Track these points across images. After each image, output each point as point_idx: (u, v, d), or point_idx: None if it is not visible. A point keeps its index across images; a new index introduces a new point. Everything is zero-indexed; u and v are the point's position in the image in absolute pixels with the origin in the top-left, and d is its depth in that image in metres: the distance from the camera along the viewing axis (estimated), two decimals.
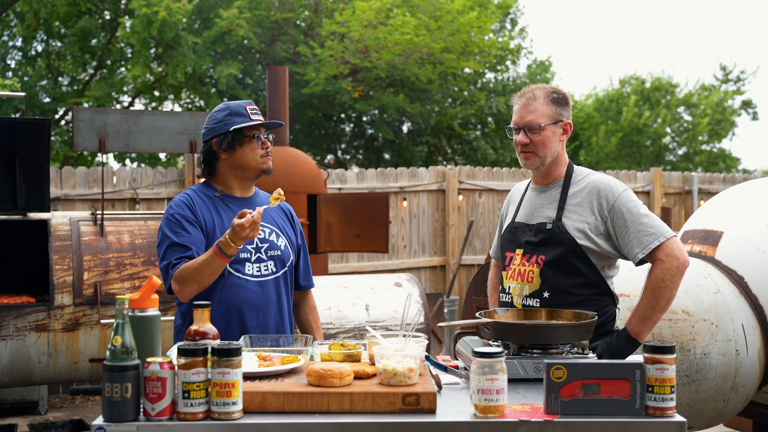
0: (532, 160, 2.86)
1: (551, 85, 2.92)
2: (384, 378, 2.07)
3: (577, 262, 2.77)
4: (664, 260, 2.72)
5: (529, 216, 2.92)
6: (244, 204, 2.93)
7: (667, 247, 2.73)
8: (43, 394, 6.25)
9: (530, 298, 2.82)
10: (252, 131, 2.93)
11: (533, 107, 2.83)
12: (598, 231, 2.77)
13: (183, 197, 2.94)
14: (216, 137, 2.95)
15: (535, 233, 2.85)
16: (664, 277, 2.71)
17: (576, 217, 2.79)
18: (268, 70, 6.97)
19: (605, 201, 2.79)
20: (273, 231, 2.96)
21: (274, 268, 2.92)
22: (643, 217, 2.77)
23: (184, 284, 2.75)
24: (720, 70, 19.94)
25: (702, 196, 11.69)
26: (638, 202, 2.82)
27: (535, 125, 2.81)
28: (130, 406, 1.91)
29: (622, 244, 2.77)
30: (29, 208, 4.93)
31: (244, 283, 2.85)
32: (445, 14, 13.58)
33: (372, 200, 6.74)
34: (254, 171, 2.96)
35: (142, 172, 8.41)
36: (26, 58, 14.50)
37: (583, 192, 2.83)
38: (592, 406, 1.98)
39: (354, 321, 4.94)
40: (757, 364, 4.09)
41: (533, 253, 2.83)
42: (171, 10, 12.12)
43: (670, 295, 2.73)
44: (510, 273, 2.90)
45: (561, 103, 2.87)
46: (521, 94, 2.88)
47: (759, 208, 4.35)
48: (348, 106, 14.81)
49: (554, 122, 2.84)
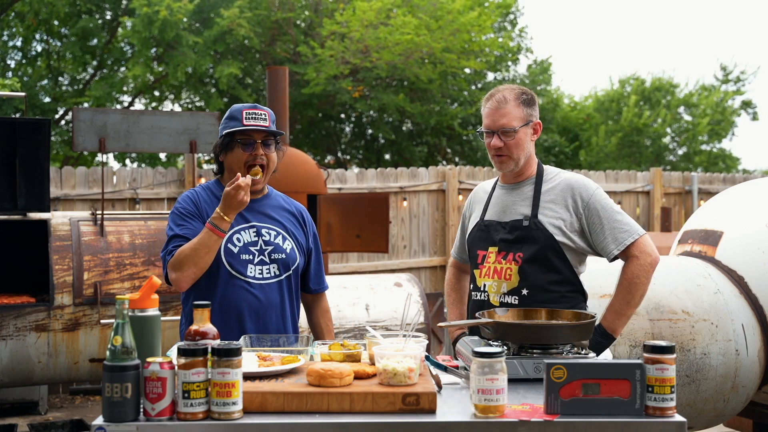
0: (507, 164, 2.87)
1: (517, 85, 2.94)
2: (384, 378, 2.07)
3: (555, 259, 2.80)
4: (639, 257, 2.79)
5: (500, 214, 2.92)
6: (250, 205, 2.90)
7: (640, 244, 2.80)
8: (43, 394, 6.25)
9: (508, 295, 2.83)
10: (242, 137, 2.85)
11: (505, 110, 2.83)
12: (573, 228, 2.82)
13: (189, 193, 2.94)
14: (218, 139, 2.95)
15: (510, 230, 2.86)
16: (639, 273, 2.79)
17: (551, 214, 2.82)
18: (268, 70, 6.97)
19: (579, 198, 2.83)
20: (279, 234, 2.93)
21: (277, 271, 2.89)
22: (617, 214, 2.83)
23: (181, 268, 2.73)
24: (720, 71, 19.96)
25: (702, 196, 11.69)
26: (611, 200, 2.88)
27: (509, 128, 2.82)
28: (130, 406, 1.91)
29: (596, 241, 2.82)
30: (29, 208, 4.93)
31: (246, 286, 2.83)
32: (445, 14, 13.58)
33: (372, 200, 6.74)
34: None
35: (142, 172, 8.41)
36: (26, 58, 14.50)
37: (557, 189, 2.87)
38: (592, 406, 1.98)
39: (354, 321, 4.94)
40: (757, 364, 4.09)
41: (509, 251, 2.84)
42: (172, 10, 12.12)
43: (644, 290, 2.81)
44: (484, 271, 2.90)
45: (530, 104, 2.88)
46: (490, 97, 2.89)
47: (759, 208, 4.35)
48: (348, 106, 14.81)
49: (526, 123, 2.86)
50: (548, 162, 17.47)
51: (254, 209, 2.92)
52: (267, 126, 2.87)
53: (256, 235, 2.88)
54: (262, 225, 2.91)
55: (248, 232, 2.87)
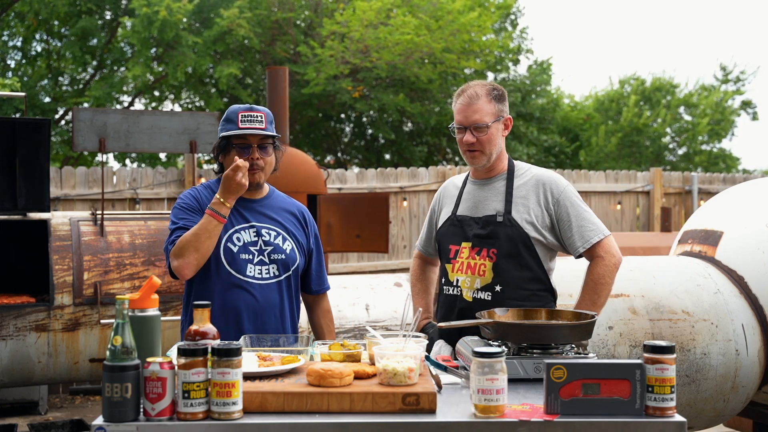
0: (479, 159, 2.90)
1: (490, 81, 2.96)
2: (384, 378, 2.07)
3: (527, 256, 2.84)
4: (604, 257, 2.84)
5: (473, 209, 2.95)
6: (250, 205, 2.91)
7: (605, 244, 2.85)
8: (43, 394, 6.25)
9: (482, 291, 2.86)
10: (238, 141, 2.83)
11: (477, 106, 2.86)
12: (544, 224, 2.86)
13: (191, 190, 2.95)
14: (217, 141, 2.94)
15: (483, 226, 2.88)
16: (604, 273, 2.83)
17: (523, 210, 2.86)
18: (268, 70, 6.97)
19: (550, 194, 2.87)
20: (279, 234, 2.92)
21: (276, 271, 2.88)
22: (585, 213, 2.88)
23: (183, 255, 2.72)
24: (720, 71, 19.96)
25: (702, 196, 11.69)
26: (580, 198, 2.92)
27: (482, 124, 2.85)
28: (130, 406, 1.91)
29: (564, 237, 2.87)
30: (29, 208, 4.93)
31: (245, 286, 2.82)
32: (445, 14, 13.58)
33: (372, 200, 6.74)
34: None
35: (142, 172, 8.41)
36: (26, 58, 14.51)
37: (528, 185, 2.90)
38: (592, 406, 1.98)
39: (354, 321, 4.94)
40: (757, 364, 4.09)
41: (483, 246, 2.87)
42: (171, 10, 12.12)
43: (609, 290, 2.86)
44: (457, 266, 2.92)
45: (501, 99, 2.91)
46: (461, 92, 2.92)
47: (759, 208, 4.35)
48: (348, 106, 14.80)
49: (497, 119, 2.89)
50: (548, 162, 17.47)
51: (254, 209, 2.92)
52: (263, 128, 2.84)
53: (256, 235, 2.87)
54: (262, 225, 2.90)
55: (248, 232, 2.87)
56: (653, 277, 4.21)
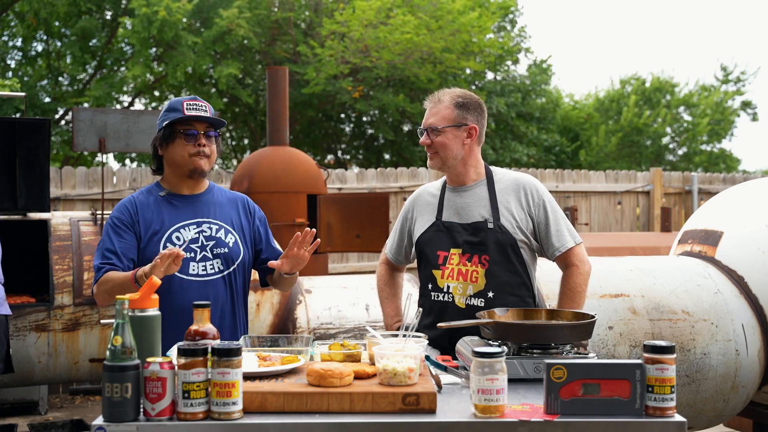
0: (435, 161, 2.98)
1: (465, 90, 3.01)
2: (384, 378, 2.07)
3: (516, 262, 2.89)
4: (579, 265, 2.92)
5: (458, 216, 2.96)
6: (190, 201, 2.86)
7: (579, 252, 2.93)
8: (43, 394, 6.24)
9: (474, 298, 2.87)
10: (184, 127, 2.80)
11: (436, 110, 2.96)
12: (528, 226, 2.91)
13: (127, 200, 2.88)
14: (158, 132, 2.88)
15: (473, 232, 2.90)
16: (580, 281, 2.92)
17: (508, 214, 2.90)
18: (268, 70, 6.97)
19: (531, 197, 2.93)
20: (222, 227, 2.87)
21: (220, 266, 2.83)
22: (561, 218, 2.95)
23: (101, 295, 2.73)
24: (720, 71, 19.97)
25: (702, 196, 11.69)
26: (556, 203, 2.99)
27: (435, 127, 2.93)
28: (130, 406, 1.91)
29: (542, 239, 2.93)
30: (29, 208, 4.93)
31: (188, 285, 2.77)
32: (445, 14, 13.59)
33: (372, 200, 6.74)
34: (183, 169, 2.83)
35: (142, 172, 8.41)
36: (26, 58, 14.51)
37: (509, 189, 2.95)
38: (592, 406, 1.98)
39: (354, 321, 4.94)
40: (757, 364, 4.09)
41: (474, 253, 2.88)
42: (171, 10, 12.12)
43: (585, 297, 2.93)
44: (447, 272, 2.93)
45: (466, 108, 2.94)
46: (430, 98, 3.02)
47: (759, 208, 4.35)
48: (348, 106, 14.81)
49: (455, 125, 2.92)
50: (549, 161, 17.49)
51: (195, 205, 2.87)
52: (208, 116, 2.83)
53: (197, 231, 2.82)
54: (204, 220, 2.85)
55: (188, 229, 2.82)
56: (653, 277, 4.21)
